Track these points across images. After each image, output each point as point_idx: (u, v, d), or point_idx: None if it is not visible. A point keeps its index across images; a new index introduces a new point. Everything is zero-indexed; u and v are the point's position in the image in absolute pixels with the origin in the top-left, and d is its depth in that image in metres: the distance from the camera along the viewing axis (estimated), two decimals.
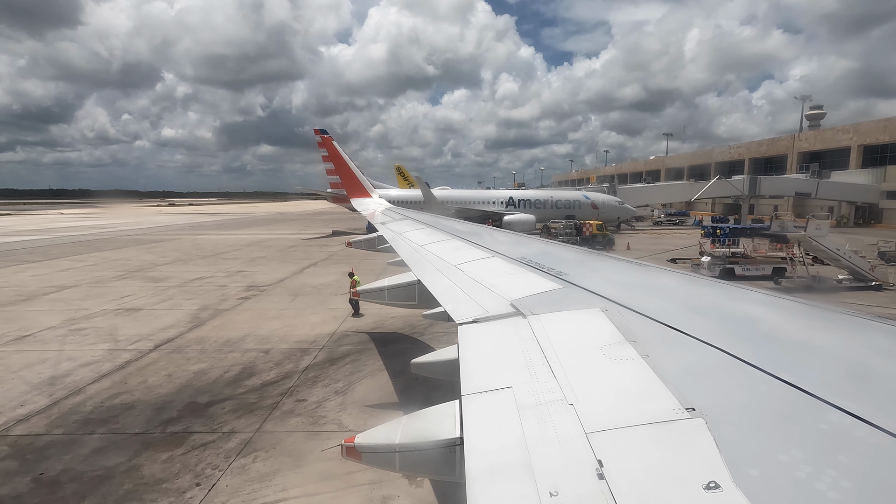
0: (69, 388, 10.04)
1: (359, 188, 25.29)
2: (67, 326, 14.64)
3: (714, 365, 2.25)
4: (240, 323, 15.16)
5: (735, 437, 1.67)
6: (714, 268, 22.01)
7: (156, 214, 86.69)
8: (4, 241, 40.07)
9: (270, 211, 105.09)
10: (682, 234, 48.19)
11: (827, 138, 64.79)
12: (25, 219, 73.67)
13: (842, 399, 1.76)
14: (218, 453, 7.63)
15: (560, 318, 3.24)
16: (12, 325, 14.68)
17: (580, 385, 2.23)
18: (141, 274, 24.13)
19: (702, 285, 4.03)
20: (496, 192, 51.98)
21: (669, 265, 26.24)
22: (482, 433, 2.02)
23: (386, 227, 11.86)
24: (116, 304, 17.56)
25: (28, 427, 8.46)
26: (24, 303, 17.84)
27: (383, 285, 6.74)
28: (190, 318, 15.60)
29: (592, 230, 33.45)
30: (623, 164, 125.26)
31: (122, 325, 14.77)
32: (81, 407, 9.24)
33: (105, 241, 40.07)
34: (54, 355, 12.07)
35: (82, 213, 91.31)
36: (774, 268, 21.80)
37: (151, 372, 11.01)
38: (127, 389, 10.03)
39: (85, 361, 11.64)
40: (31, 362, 11.56)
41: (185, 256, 30.57)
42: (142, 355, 12.11)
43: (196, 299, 18.39)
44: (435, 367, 3.51)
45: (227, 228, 54.14)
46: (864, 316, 2.93)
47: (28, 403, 9.34)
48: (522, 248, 6.43)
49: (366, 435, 2.54)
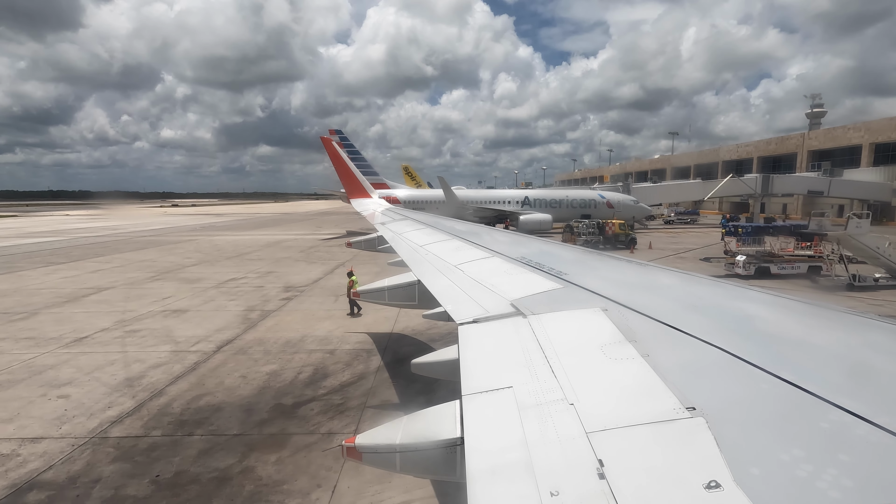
0: (149, 390, 10.02)
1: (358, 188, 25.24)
2: (121, 328, 14.61)
3: (714, 364, 2.26)
4: (292, 324, 15.15)
5: (736, 436, 1.68)
6: (749, 266, 22.03)
7: (161, 215, 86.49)
8: (22, 242, 39.95)
9: (275, 211, 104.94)
10: (698, 233, 48.31)
11: (837, 136, 64.88)
12: (33, 220, 73.43)
13: (842, 398, 1.76)
14: (325, 454, 7.63)
15: (560, 318, 3.25)
16: (65, 327, 14.64)
17: (581, 385, 2.24)
18: (172, 275, 24.08)
19: (702, 284, 4.02)
20: (512, 192, 52.03)
21: (703, 264, 26.31)
22: (483, 433, 2.03)
23: (386, 227, 11.83)
24: (160, 305, 17.53)
25: (124, 429, 8.45)
26: (66, 304, 17.79)
27: (383, 285, 6.75)
28: (240, 320, 15.58)
29: (615, 229, 33.48)
30: (628, 163, 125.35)
31: (174, 327, 14.74)
32: (169, 409, 9.22)
33: (121, 242, 39.96)
34: (120, 357, 12.05)
35: (88, 214, 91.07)
36: (810, 266, 21.86)
37: (224, 373, 11.00)
38: (207, 391, 10.02)
39: (153, 363, 11.62)
40: (99, 364, 11.53)
41: (209, 258, 30.51)
42: (207, 357, 12.09)
43: (238, 300, 18.37)
44: (435, 367, 3.53)
45: (239, 229, 54.02)
46: (864, 315, 2.94)
47: (115, 405, 9.33)
48: (522, 248, 6.44)
49: (366, 435, 2.55)
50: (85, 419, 8.78)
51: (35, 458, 7.47)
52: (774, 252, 23.70)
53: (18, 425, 8.52)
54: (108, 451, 7.70)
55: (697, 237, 43.70)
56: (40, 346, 12.82)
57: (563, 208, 46.48)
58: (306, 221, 67.59)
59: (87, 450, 7.75)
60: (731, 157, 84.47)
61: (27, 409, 9.16)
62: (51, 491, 6.70)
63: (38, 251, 34.10)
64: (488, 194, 50.13)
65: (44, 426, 8.51)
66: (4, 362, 11.64)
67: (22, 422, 8.65)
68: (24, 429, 8.41)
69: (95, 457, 7.54)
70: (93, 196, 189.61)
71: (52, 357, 12.00)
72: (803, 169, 67.30)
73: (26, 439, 8.05)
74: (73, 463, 7.37)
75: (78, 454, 7.62)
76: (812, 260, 22.27)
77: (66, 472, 7.12)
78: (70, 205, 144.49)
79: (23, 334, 13.99)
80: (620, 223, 34.22)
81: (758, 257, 22.52)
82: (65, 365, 11.46)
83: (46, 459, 7.44)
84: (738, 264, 22.28)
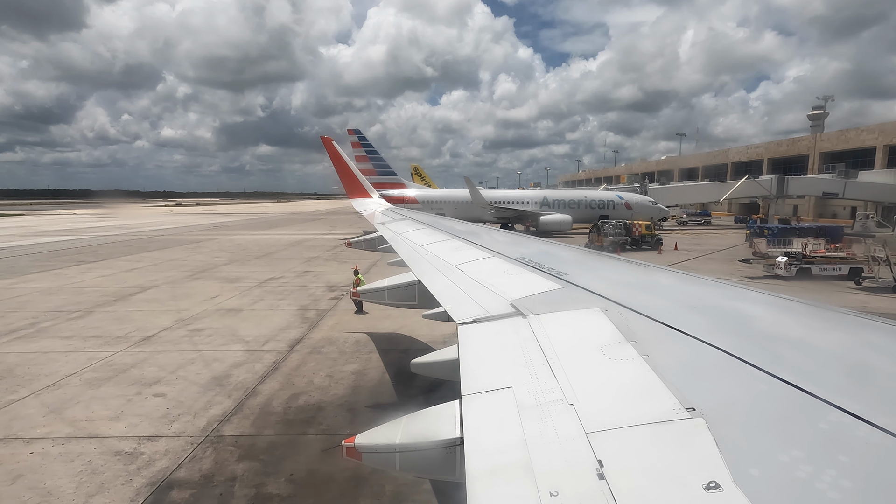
0: (241, 389, 9.99)
1: (358, 188, 25.31)
2: (183, 327, 14.56)
3: (714, 364, 2.26)
4: (353, 323, 15.15)
5: (735, 436, 1.68)
6: (791, 268, 22.07)
7: (167, 214, 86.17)
8: (42, 241, 39.78)
9: (282, 211, 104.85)
10: (715, 234, 48.46)
11: (850, 138, 65.11)
12: (41, 219, 73.10)
13: (842, 399, 1.77)
14: None
15: (560, 318, 3.24)
16: (127, 326, 14.59)
17: (580, 385, 2.24)
18: (209, 274, 24.03)
19: (701, 285, 4.03)
20: (531, 192, 52.15)
21: (741, 266, 26.35)
22: (482, 433, 2.03)
23: (386, 227, 11.78)
24: (211, 305, 17.48)
25: (235, 428, 8.43)
26: (117, 303, 17.73)
27: (383, 285, 6.76)
28: (299, 320, 15.56)
29: (642, 230, 33.59)
30: (633, 164, 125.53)
31: (236, 326, 14.70)
32: (270, 408, 9.20)
33: (142, 241, 39.84)
34: (196, 356, 12.01)
35: (95, 213, 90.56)
36: (851, 268, 21.92)
37: (309, 373, 10.98)
38: (300, 390, 10.00)
39: (232, 362, 11.59)
40: (179, 363, 11.50)
41: (237, 257, 30.43)
42: (283, 356, 12.07)
43: (288, 300, 18.34)
44: (435, 367, 3.54)
45: (253, 229, 53.90)
46: (864, 316, 2.94)
47: (214, 404, 9.30)
48: (522, 248, 6.45)
49: (366, 435, 2.55)
50: (191, 417, 8.76)
51: (160, 457, 7.45)
52: (814, 253, 23.57)
53: (128, 423, 8.49)
54: (231, 450, 7.68)
55: (717, 238, 43.83)
56: (111, 345, 12.77)
57: (581, 209, 46.57)
58: (316, 221, 67.50)
59: (209, 448, 7.72)
60: (741, 158, 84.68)
61: (129, 407, 9.13)
62: (191, 489, 6.68)
63: (63, 250, 33.97)
64: (507, 194, 50.16)
65: (154, 424, 8.48)
66: (84, 360, 11.59)
67: (130, 420, 8.62)
68: (135, 427, 8.38)
69: (220, 455, 7.52)
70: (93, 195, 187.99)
71: (129, 356, 11.95)
72: (815, 171, 67.48)
73: (142, 437, 8.02)
74: (200, 461, 7.35)
75: (201, 453, 7.60)
76: (854, 262, 22.31)
77: (198, 471, 7.10)
78: (71, 203, 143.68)
79: (87, 332, 13.94)
80: (647, 224, 34.31)
81: (799, 258, 22.54)
82: (145, 364, 11.42)
83: (172, 458, 7.41)
84: (778, 265, 22.31)
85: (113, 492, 6.58)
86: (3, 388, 9.96)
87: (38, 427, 8.34)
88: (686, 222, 61.26)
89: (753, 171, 75.93)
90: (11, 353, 12.07)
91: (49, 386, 10.05)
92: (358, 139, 49.21)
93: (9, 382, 10.23)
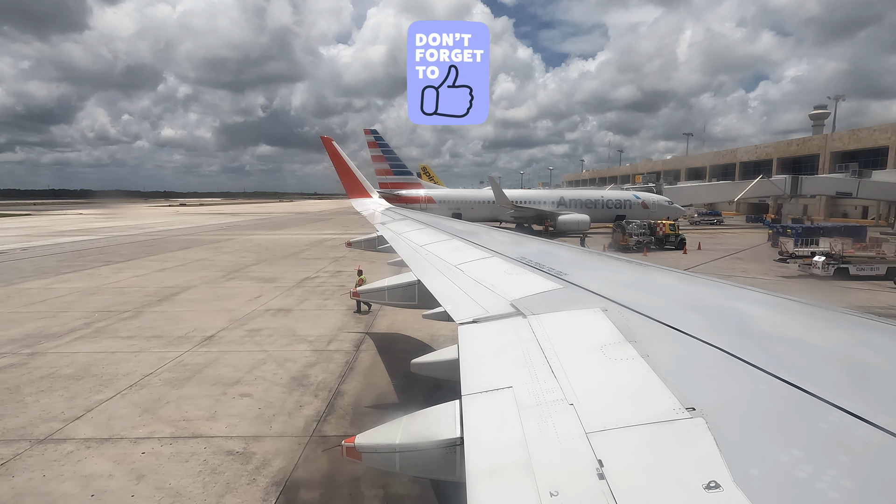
0: (325, 389, 9.97)
1: (358, 188, 25.37)
2: (240, 327, 14.52)
3: (714, 364, 2.26)
4: (408, 322, 15.09)
5: (735, 436, 1.69)
6: (829, 268, 22.09)
7: (174, 215, 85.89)
8: (58, 241, 39.61)
9: (288, 211, 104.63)
10: (732, 233, 48.52)
11: (862, 138, 65.20)
12: (50, 219, 72.83)
13: (842, 398, 1.77)
14: None
15: (560, 318, 3.25)
16: (183, 326, 14.54)
17: (580, 385, 2.25)
18: (242, 274, 23.99)
19: (701, 284, 4.05)
20: (548, 192, 52.21)
21: (776, 265, 26.37)
22: (482, 433, 2.04)
23: (386, 227, 11.80)
24: (258, 305, 17.43)
25: (335, 428, 8.41)
26: (162, 303, 17.67)
27: (383, 285, 6.79)
28: (353, 319, 15.55)
29: (665, 230, 33.63)
30: (639, 164, 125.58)
31: (293, 326, 14.67)
32: (361, 408, 9.19)
33: (160, 241, 39.75)
34: (265, 356, 11.98)
35: (102, 213, 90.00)
36: (889, 268, 21.93)
37: (386, 372, 10.95)
38: (385, 390, 9.99)
39: (305, 362, 11.56)
40: (252, 363, 11.46)
41: (263, 257, 30.35)
42: (353, 356, 12.05)
43: (333, 300, 18.33)
44: (435, 367, 3.54)
45: (266, 229, 53.82)
46: (864, 316, 2.96)
47: (304, 404, 9.27)
48: (522, 248, 6.47)
49: (366, 435, 2.56)
50: (286, 417, 8.73)
51: (273, 457, 7.42)
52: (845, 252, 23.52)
53: (228, 424, 8.46)
54: (340, 451, 7.63)
55: (735, 237, 43.88)
56: (175, 345, 12.72)
57: (598, 209, 46.60)
58: (326, 221, 67.40)
59: (318, 449, 7.70)
60: (749, 157, 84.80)
61: (221, 407, 9.10)
62: (319, 489, 6.66)
63: (86, 250, 33.88)
64: (525, 194, 50.21)
65: (253, 425, 8.45)
66: (155, 360, 11.55)
67: (227, 420, 8.59)
68: (235, 427, 8.35)
69: (333, 455, 7.49)
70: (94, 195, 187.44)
71: (198, 356, 11.91)
72: (825, 170, 67.61)
73: (247, 437, 8.00)
74: (315, 462, 7.33)
75: (312, 453, 7.58)
76: (892, 261, 22.32)
77: (317, 471, 7.09)
78: (73, 203, 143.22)
79: (146, 333, 13.90)
80: (671, 224, 34.35)
81: (836, 258, 22.55)
82: (217, 364, 11.38)
83: (286, 458, 7.39)
84: (815, 265, 22.33)
85: (241, 492, 6.55)
86: (87, 387, 9.92)
87: (139, 427, 8.31)
88: (699, 222, 61.34)
89: (762, 170, 76.09)
90: (80, 353, 12.03)
91: (132, 385, 10.02)
92: (374, 139, 49.15)
93: (91, 382, 10.19)
